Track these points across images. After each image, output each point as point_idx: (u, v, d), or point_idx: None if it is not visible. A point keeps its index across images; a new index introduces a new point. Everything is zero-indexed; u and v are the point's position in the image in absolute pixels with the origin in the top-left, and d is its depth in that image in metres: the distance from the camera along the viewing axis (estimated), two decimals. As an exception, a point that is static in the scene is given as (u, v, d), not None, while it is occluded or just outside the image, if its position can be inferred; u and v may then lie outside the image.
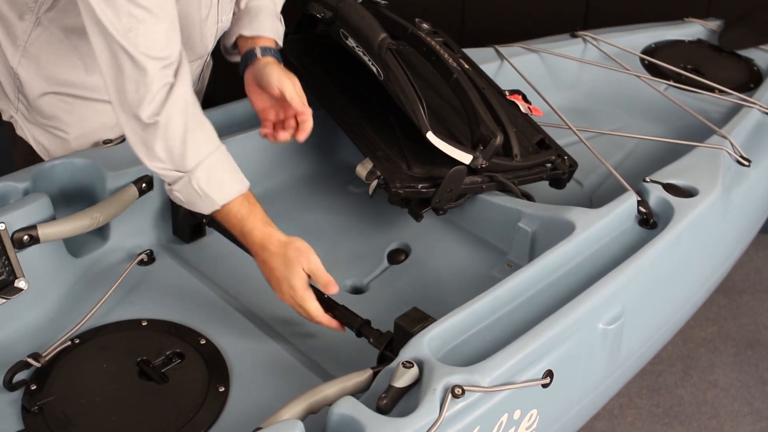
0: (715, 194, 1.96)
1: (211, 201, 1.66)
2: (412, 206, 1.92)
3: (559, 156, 2.06)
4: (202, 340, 1.68)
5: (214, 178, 1.65)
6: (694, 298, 2.13)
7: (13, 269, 1.68)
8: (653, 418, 2.63)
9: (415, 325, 1.51)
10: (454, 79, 1.97)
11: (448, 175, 1.85)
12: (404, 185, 1.87)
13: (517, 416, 1.49)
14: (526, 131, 2.11)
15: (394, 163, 1.91)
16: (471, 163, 1.87)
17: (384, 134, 1.99)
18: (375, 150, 1.95)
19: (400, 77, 1.87)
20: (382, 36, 1.89)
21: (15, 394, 1.55)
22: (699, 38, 2.92)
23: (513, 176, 1.97)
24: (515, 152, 1.95)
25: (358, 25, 1.95)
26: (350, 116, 2.05)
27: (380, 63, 1.90)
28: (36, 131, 1.99)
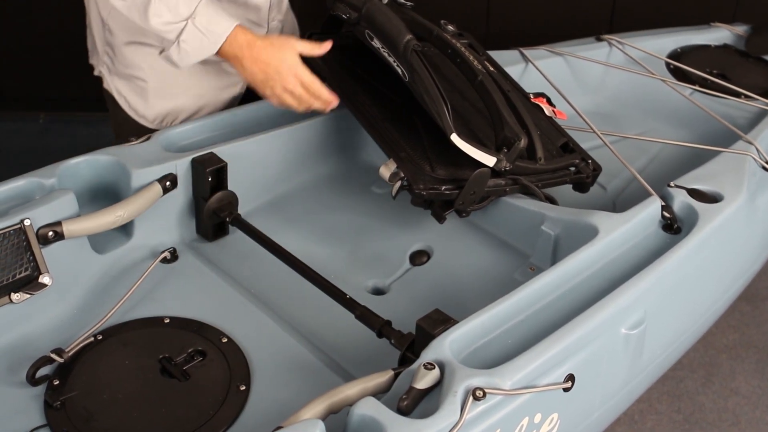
0: (739, 200, 1.95)
1: (216, 36, 1.87)
2: (434, 208, 1.92)
3: (583, 160, 2.04)
4: (223, 339, 1.68)
5: (211, 15, 1.87)
6: (716, 305, 2.11)
7: (37, 265, 1.69)
8: (674, 424, 2.61)
9: (436, 327, 1.51)
10: (478, 82, 1.96)
11: (472, 178, 1.83)
12: (427, 187, 1.85)
13: (538, 420, 1.49)
14: (550, 134, 2.09)
15: (418, 164, 1.90)
16: (495, 166, 1.85)
17: (408, 135, 1.98)
18: (398, 151, 1.94)
19: (425, 79, 1.86)
20: (408, 37, 1.89)
21: (38, 389, 1.56)
22: (725, 43, 2.90)
23: (536, 179, 1.95)
24: (539, 155, 1.94)
25: (383, 26, 1.95)
26: (374, 117, 2.04)
27: (405, 64, 1.90)
28: (119, 83, 2.16)
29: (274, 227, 1.97)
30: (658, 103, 2.62)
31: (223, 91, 2.21)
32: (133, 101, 2.17)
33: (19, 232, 1.67)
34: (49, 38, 3.95)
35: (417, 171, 1.89)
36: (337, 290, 1.73)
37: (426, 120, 1.94)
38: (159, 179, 1.86)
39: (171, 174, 1.88)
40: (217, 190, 1.92)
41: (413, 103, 1.97)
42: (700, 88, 2.58)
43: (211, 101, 2.20)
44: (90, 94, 4.04)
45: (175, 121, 2.18)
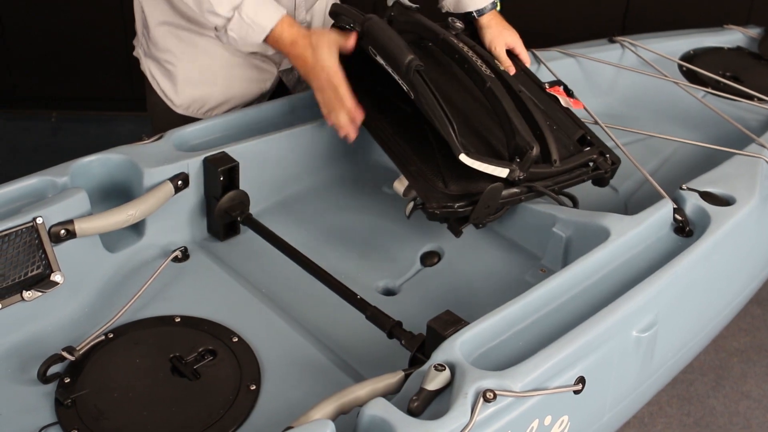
0: (752, 203, 1.94)
1: (261, 28, 1.92)
2: (450, 222, 1.88)
3: (601, 154, 2.00)
4: (234, 338, 1.69)
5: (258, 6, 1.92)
6: (728, 308, 2.11)
7: (49, 263, 1.70)
8: (684, 427, 2.61)
9: (447, 328, 1.51)
10: (487, 89, 1.94)
11: (485, 193, 1.79)
12: (441, 205, 1.82)
13: (548, 422, 1.49)
14: (566, 128, 2.06)
15: (429, 180, 1.87)
16: (508, 176, 1.82)
17: (419, 148, 1.95)
18: (408, 165, 1.91)
19: (429, 101, 1.83)
20: (410, 58, 1.84)
21: (49, 387, 1.57)
22: (738, 45, 2.89)
23: (553, 182, 1.92)
24: (554, 158, 1.90)
25: (385, 45, 1.91)
26: (384, 129, 2.01)
27: (409, 84, 1.87)
28: (151, 64, 2.21)
29: (285, 227, 1.97)
30: (671, 106, 2.62)
31: (252, 84, 2.22)
32: (164, 84, 2.20)
33: (31, 230, 1.68)
34: (61, 38, 3.97)
35: (429, 188, 1.86)
36: (347, 290, 1.73)
37: (439, 136, 1.89)
38: (171, 178, 1.86)
39: (183, 173, 1.88)
40: (229, 190, 1.92)
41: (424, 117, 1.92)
42: (713, 91, 2.57)
43: (239, 93, 2.22)
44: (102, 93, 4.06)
45: (202, 109, 2.20)
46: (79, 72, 4.06)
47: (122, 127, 3.99)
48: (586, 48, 2.71)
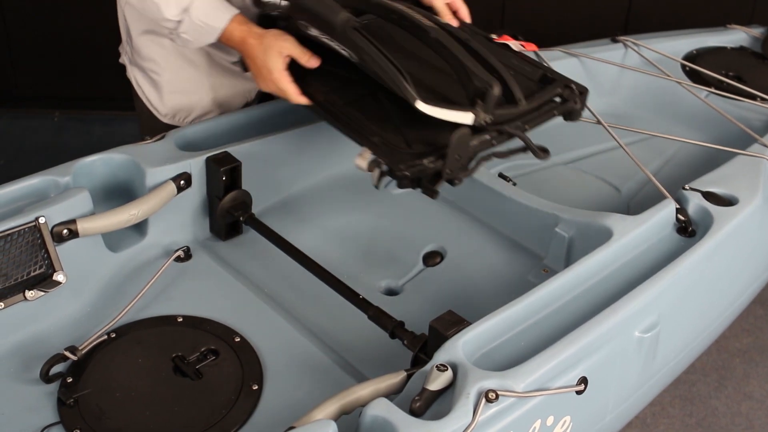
0: (755, 203, 1.94)
1: (212, 29, 1.89)
2: (423, 184, 1.73)
3: (566, 86, 1.87)
4: (236, 338, 1.69)
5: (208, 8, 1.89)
6: (731, 308, 2.11)
7: (51, 262, 1.70)
8: (686, 428, 2.60)
9: (449, 328, 1.51)
10: (432, 39, 1.79)
11: (453, 141, 1.65)
12: (409, 165, 1.68)
13: (551, 422, 1.49)
14: (524, 70, 1.93)
15: (393, 145, 1.74)
16: (474, 122, 1.69)
17: (375, 114, 1.82)
18: (370, 136, 1.77)
19: (372, 53, 1.71)
20: (342, 15, 1.71)
21: (51, 387, 1.57)
22: (741, 45, 2.89)
23: (523, 122, 1.78)
24: (518, 97, 1.76)
25: (313, 9, 1.78)
26: (335, 105, 1.87)
27: (348, 44, 1.75)
28: (137, 73, 2.19)
29: (287, 227, 1.97)
30: (674, 105, 2.61)
31: (237, 91, 2.21)
32: (149, 93, 2.19)
33: (33, 229, 1.68)
34: (64, 37, 3.97)
35: (394, 152, 1.73)
36: (350, 290, 1.73)
37: (392, 95, 1.76)
38: (173, 178, 1.87)
39: (185, 173, 1.88)
40: (231, 190, 1.92)
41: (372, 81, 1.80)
42: (716, 91, 2.57)
43: (224, 101, 2.20)
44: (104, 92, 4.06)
45: (188, 118, 2.19)
46: (82, 72, 4.06)
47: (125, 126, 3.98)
48: (589, 48, 2.71)
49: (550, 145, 2.46)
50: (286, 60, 1.84)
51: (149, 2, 1.88)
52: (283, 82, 1.84)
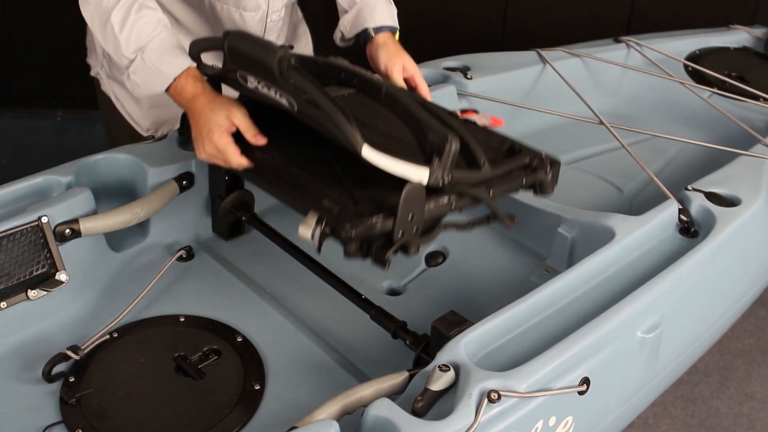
0: (757, 204, 1.94)
1: (163, 75, 1.74)
2: (374, 250, 1.51)
3: (536, 156, 1.67)
4: (238, 338, 1.69)
5: (163, 53, 1.75)
6: (733, 309, 2.10)
7: (54, 262, 1.70)
8: (688, 428, 2.60)
9: (452, 329, 1.51)
10: (384, 94, 1.59)
11: (403, 197, 1.44)
12: (354, 224, 1.46)
13: (553, 423, 1.48)
14: (491, 142, 1.72)
15: (341, 204, 1.51)
16: (429, 180, 1.47)
17: (322, 177, 1.61)
18: (318, 198, 1.54)
19: (313, 92, 1.52)
20: (281, 53, 1.54)
21: (53, 386, 1.57)
22: (744, 45, 2.89)
23: (487, 189, 1.59)
24: (481, 160, 1.56)
25: (249, 51, 1.61)
26: (277, 164, 1.67)
27: (286, 86, 1.57)
28: (115, 86, 2.12)
29: (289, 227, 1.96)
30: (676, 106, 2.61)
31: None
32: (130, 108, 2.13)
33: (36, 229, 1.68)
34: (66, 37, 3.96)
35: (340, 212, 1.50)
36: (352, 291, 1.73)
37: (340, 154, 1.57)
38: (176, 178, 1.87)
39: (188, 172, 1.89)
40: (234, 189, 1.92)
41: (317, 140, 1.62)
42: (719, 91, 2.57)
43: None
44: (107, 91, 4.05)
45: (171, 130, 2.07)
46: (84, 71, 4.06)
47: (127, 126, 4.00)
48: (592, 48, 2.71)
49: (552, 146, 2.47)
50: (232, 127, 1.68)
51: (110, 36, 1.76)
52: (222, 141, 1.67)
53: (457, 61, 2.51)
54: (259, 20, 2.02)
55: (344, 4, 2.06)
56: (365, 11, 2.02)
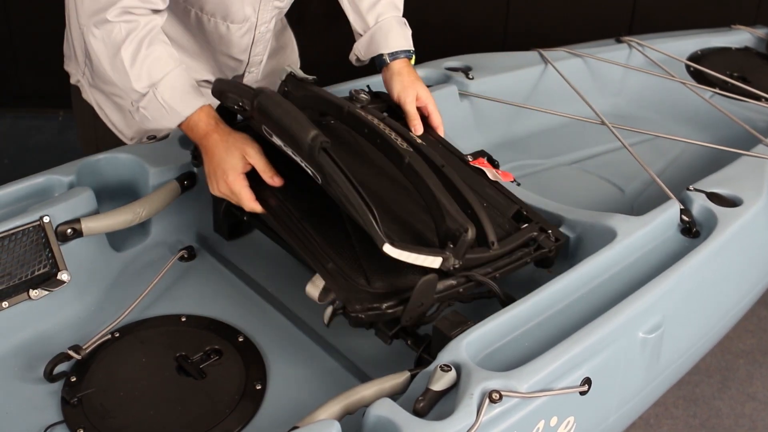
0: (759, 204, 1.94)
1: (176, 114, 1.73)
2: (378, 327, 1.60)
3: (542, 230, 1.74)
4: (240, 338, 1.69)
5: (176, 90, 1.72)
6: (735, 309, 2.10)
7: (56, 261, 1.70)
8: (689, 429, 2.60)
9: (453, 329, 1.50)
10: (406, 165, 1.65)
11: (417, 288, 1.50)
12: (365, 307, 1.52)
13: (554, 423, 1.48)
14: (498, 204, 1.78)
15: (350, 277, 1.56)
16: (442, 266, 1.54)
17: (333, 237, 1.64)
18: (325, 263, 1.59)
19: (342, 183, 1.54)
20: (313, 134, 1.55)
21: (55, 386, 1.57)
22: (746, 46, 2.89)
23: (493, 268, 1.64)
24: (491, 239, 1.62)
25: (281, 121, 1.62)
26: (290, 216, 1.69)
27: (315, 166, 1.58)
28: (98, 96, 2.07)
29: (291, 227, 1.97)
30: (678, 106, 2.61)
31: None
32: (113, 117, 2.09)
33: (38, 228, 1.68)
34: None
35: (350, 287, 1.55)
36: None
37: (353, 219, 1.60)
38: (177, 177, 1.87)
39: (189, 172, 1.88)
40: (235, 189, 1.92)
41: None
42: (721, 91, 2.57)
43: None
44: (109, 91, 4.05)
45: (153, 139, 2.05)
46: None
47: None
48: (593, 48, 2.71)
49: (554, 146, 2.48)
50: (247, 166, 1.69)
51: (120, 68, 1.71)
52: (237, 184, 1.68)
53: (459, 61, 2.51)
54: (246, 32, 2.00)
55: (358, 28, 2.05)
56: (378, 36, 2.01)
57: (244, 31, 1.99)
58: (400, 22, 2.04)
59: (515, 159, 2.27)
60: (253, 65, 2.10)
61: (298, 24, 2.22)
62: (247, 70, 2.10)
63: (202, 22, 1.94)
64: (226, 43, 2.00)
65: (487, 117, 2.42)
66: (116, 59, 1.71)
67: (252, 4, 1.94)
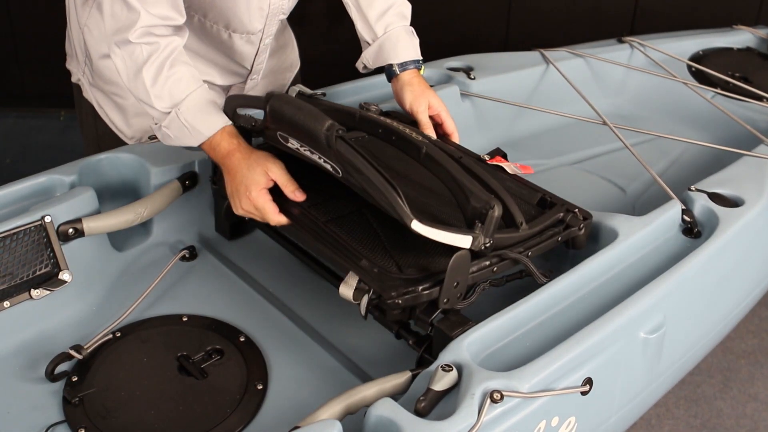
0: (761, 205, 1.94)
1: (198, 133, 1.72)
2: (417, 315, 1.58)
3: (568, 211, 1.75)
4: (241, 337, 1.69)
5: (198, 111, 1.72)
6: (736, 310, 2.10)
7: (57, 261, 1.70)
8: (691, 429, 2.60)
9: (455, 329, 1.51)
10: (424, 154, 1.65)
11: (450, 266, 1.50)
12: (401, 293, 1.50)
13: (555, 423, 1.48)
14: (522, 194, 1.80)
15: (383, 269, 1.56)
16: (472, 246, 1.52)
17: (361, 237, 1.65)
18: (357, 260, 1.59)
19: (362, 166, 1.52)
20: (328, 123, 1.55)
21: (56, 385, 1.57)
22: (748, 46, 2.88)
23: (524, 248, 1.65)
24: (519, 220, 1.63)
25: (295, 118, 1.61)
26: (315, 222, 1.69)
27: (333, 156, 1.58)
28: (98, 95, 2.07)
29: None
30: (680, 106, 2.61)
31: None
32: (114, 116, 2.09)
33: (39, 228, 1.68)
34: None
35: (384, 277, 1.54)
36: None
37: (378, 213, 1.63)
38: (179, 177, 1.87)
39: (191, 172, 1.89)
40: (237, 189, 1.92)
41: (357, 197, 1.66)
42: (722, 92, 2.57)
43: None
44: (111, 91, 4.05)
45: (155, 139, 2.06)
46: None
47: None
48: (595, 48, 2.71)
49: (555, 146, 2.48)
50: (269, 182, 1.69)
51: (141, 88, 1.71)
52: (261, 199, 1.68)
53: (461, 61, 2.51)
54: (249, 42, 2.00)
55: (366, 37, 2.05)
56: (387, 46, 2.01)
57: (245, 41, 1.99)
58: (408, 32, 2.04)
59: (517, 159, 2.25)
60: (256, 73, 2.10)
61: (298, 24, 2.22)
62: (250, 77, 2.11)
63: (205, 28, 1.94)
64: (229, 50, 2.00)
65: (488, 117, 2.42)
66: (137, 79, 1.70)
67: (260, 19, 1.94)
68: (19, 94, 4.11)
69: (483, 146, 2.38)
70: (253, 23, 1.94)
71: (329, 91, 2.20)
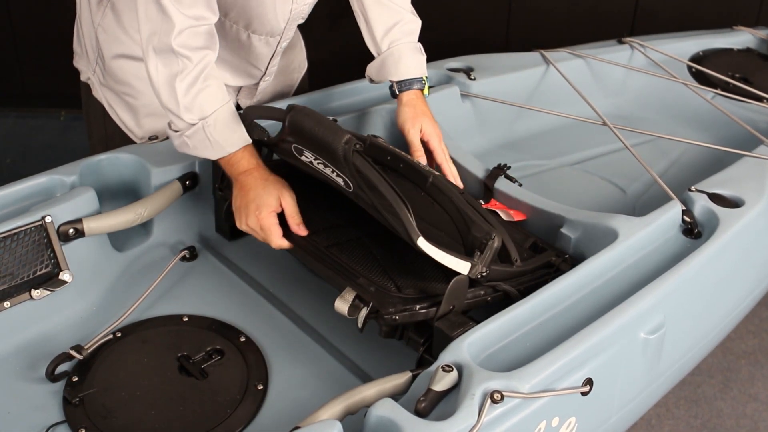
0: (761, 205, 1.94)
1: (220, 149, 1.74)
2: (409, 334, 1.62)
3: (559, 255, 1.80)
4: (242, 338, 1.69)
5: (224, 128, 1.73)
6: (737, 310, 2.10)
7: (57, 262, 1.70)
8: (691, 429, 2.60)
9: (455, 329, 1.51)
10: (430, 183, 1.72)
11: (450, 289, 1.55)
12: (399, 309, 1.56)
13: (556, 423, 1.48)
14: (515, 238, 1.81)
15: (381, 287, 1.61)
16: (470, 272, 1.57)
17: (362, 261, 1.69)
18: (355, 278, 1.64)
19: (376, 180, 1.56)
20: (346, 137, 1.58)
21: (57, 385, 1.57)
22: (748, 47, 2.89)
23: (516, 283, 1.69)
24: (514, 257, 1.68)
25: (314, 131, 1.64)
26: (317, 246, 1.72)
27: (348, 170, 1.61)
28: (109, 94, 2.07)
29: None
30: (680, 107, 2.61)
31: None
32: (124, 116, 2.08)
33: (40, 229, 1.68)
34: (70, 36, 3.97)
35: (383, 295, 1.60)
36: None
37: (377, 237, 1.70)
38: (179, 177, 1.87)
39: (191, 172, 1.89)
40: (237, 190, 1.92)
41: (359, 221, 1.73)
42: (722, 92, 2.57)
43: None
44: (111, 91, 4.05)
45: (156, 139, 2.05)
46: (88, 71, 4.07)
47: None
48: (595, 49, 2.71)
49: (555, 147, 2.48)
50: (279, 208, 1.72)
51: (171, 97, 1.70)
52: (268, 221, 1.71)
53: (461, 61, 2.51)
54: (267, 44, 2.01)
55: (372, 50, 2.05)
56: (389, 62, 2.02)
57: (263, 43, 2.00)
58: (414, 49, 2.03)
59: (517, 160, 2.26)
60: (269, 75, 2.11)
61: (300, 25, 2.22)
62: (263, 78, 2.12)
63: (225, 28, 1.94)
64: (245, 51, 2.01)
65: (488, 118, 2.42)
66: (169, 88, 1.70)
67: (284, 19, 1.95)
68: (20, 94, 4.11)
69: (483, 146, 2.39)
70: (279, 24, 1.95)
71: (329, 91, 2.20)
